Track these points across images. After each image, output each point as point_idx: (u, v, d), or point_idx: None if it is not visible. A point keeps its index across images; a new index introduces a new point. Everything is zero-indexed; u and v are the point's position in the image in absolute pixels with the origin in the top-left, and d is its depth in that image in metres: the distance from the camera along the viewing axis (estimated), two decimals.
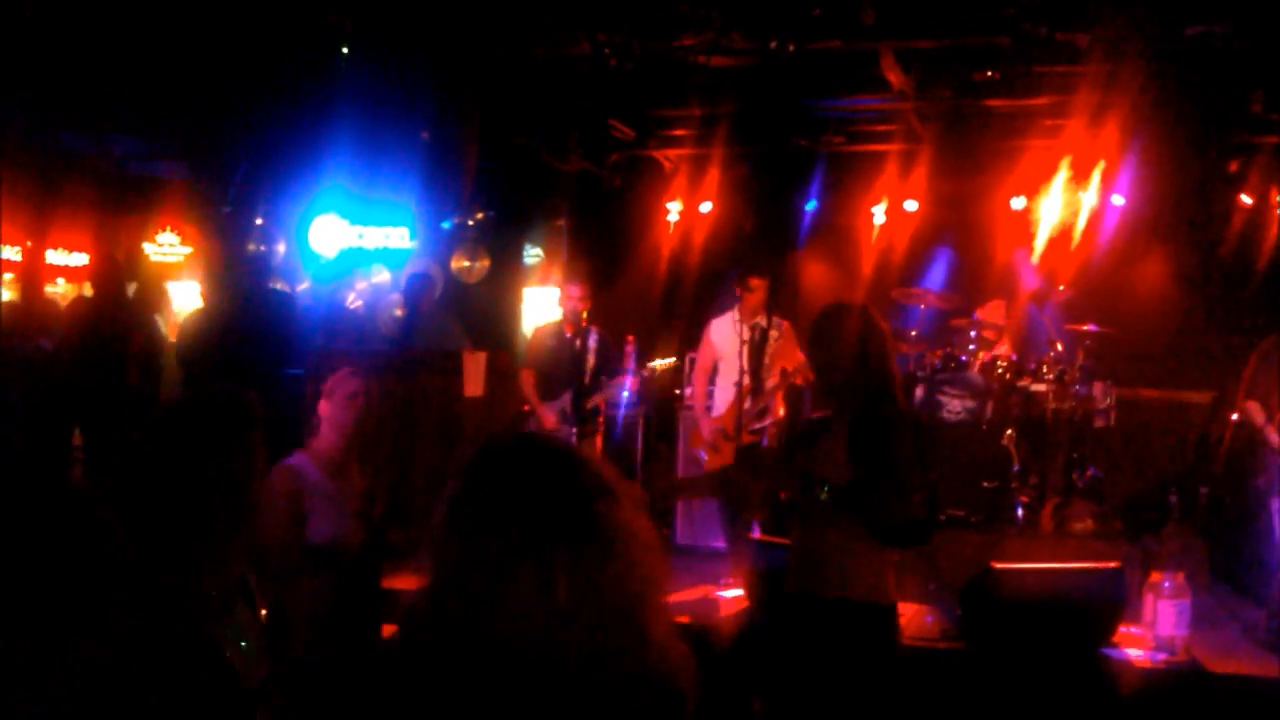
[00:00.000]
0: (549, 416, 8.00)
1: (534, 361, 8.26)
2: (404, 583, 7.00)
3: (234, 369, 6.83)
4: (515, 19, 8.17)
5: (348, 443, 4.55)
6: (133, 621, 2.30)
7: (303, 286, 8.97)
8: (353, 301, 9.42)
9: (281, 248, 9.67)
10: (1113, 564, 6.05)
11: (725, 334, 7.88)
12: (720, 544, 8.17)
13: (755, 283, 7.85)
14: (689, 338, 10.10)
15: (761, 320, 8.00)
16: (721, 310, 8.05)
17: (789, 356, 8.05)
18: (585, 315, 8.20)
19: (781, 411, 8.07)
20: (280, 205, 9.58)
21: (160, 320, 8.97)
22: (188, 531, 2.42)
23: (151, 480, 2.44)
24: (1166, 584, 5.81)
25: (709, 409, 8.04)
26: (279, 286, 9.49)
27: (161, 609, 2.32)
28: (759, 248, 10.79)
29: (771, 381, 7.91)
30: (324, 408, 4.54)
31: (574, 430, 7.97)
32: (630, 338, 8.88)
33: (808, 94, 9.45)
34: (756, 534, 7.55)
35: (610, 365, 8.29)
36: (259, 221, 9.70)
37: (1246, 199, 9.89)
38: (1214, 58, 7.86)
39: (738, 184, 11.20)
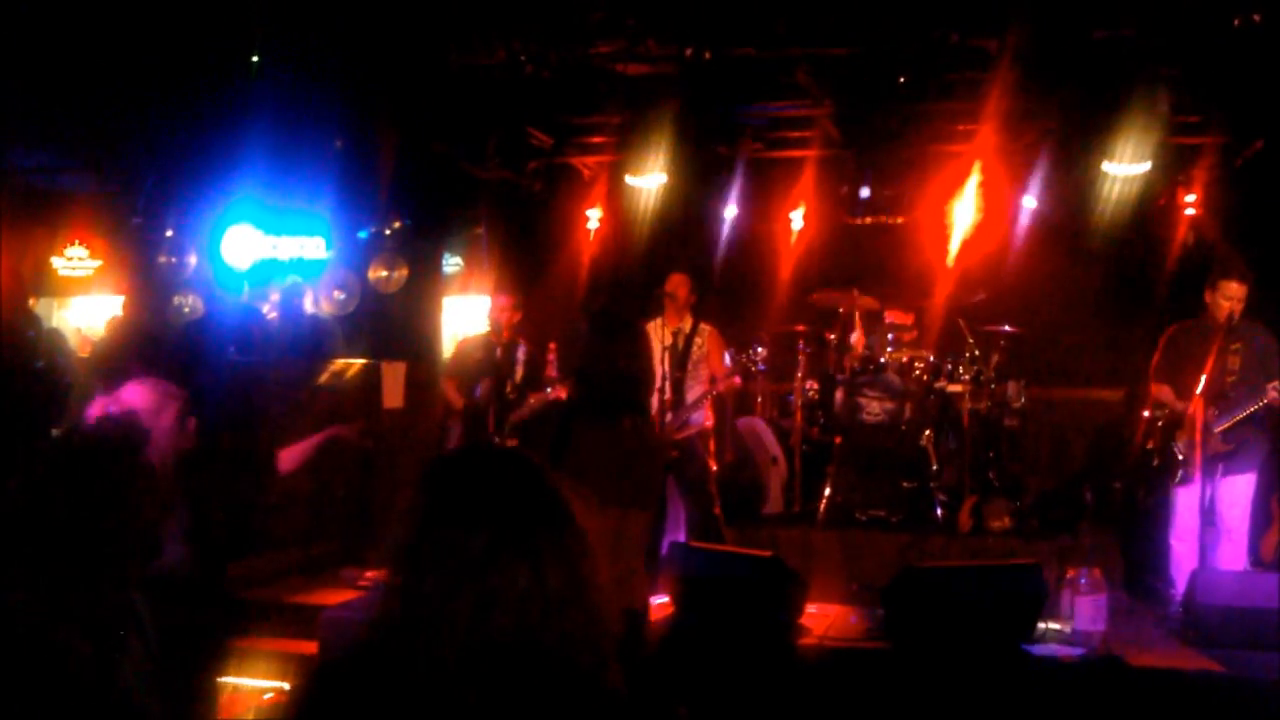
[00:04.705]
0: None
1: (456, 370, 8.16)
2: (326, 597, 6.88)
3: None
4: (430, 26, 8.10)
5: (173, 465, 4.17)
6: (28, 645, 2.25)
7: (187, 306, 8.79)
8: (269, 313, 9.26)
9: (193, 259, 9.47)
10: (1030, 561, 6.14)
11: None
12: None
13: (674, 281, 7.85)
14: None
15: (685, 325, 7.99)
16: (649, 316, 8.01)
17: (714, 363, 8.05)
18: (512, 327, 8.14)
19: (710, 419, 8.07)
20: (191, 216, 9.39)
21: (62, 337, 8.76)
22: (81, 560, 2.39)
23: (45, 512, 2.43)
24: (1083, 579, 5.90)
25: None
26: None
27: (58, 633, 2.27)
28: (678, 254, 10.81)
29: (699, 389, 7.90)
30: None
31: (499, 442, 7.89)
32: (552, 345, 8.83)
33: (725, 101, 9.48)
34: (682, 539, 7.55)
35: (536, 379, 8.23)
36: (169, 233, 9.49)
37: (1154, 199, 10.09)
38: (1120, 61, 8.02)
39: (657, 191, 11.20)
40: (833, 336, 9.15)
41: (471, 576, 1.61)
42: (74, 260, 12.67)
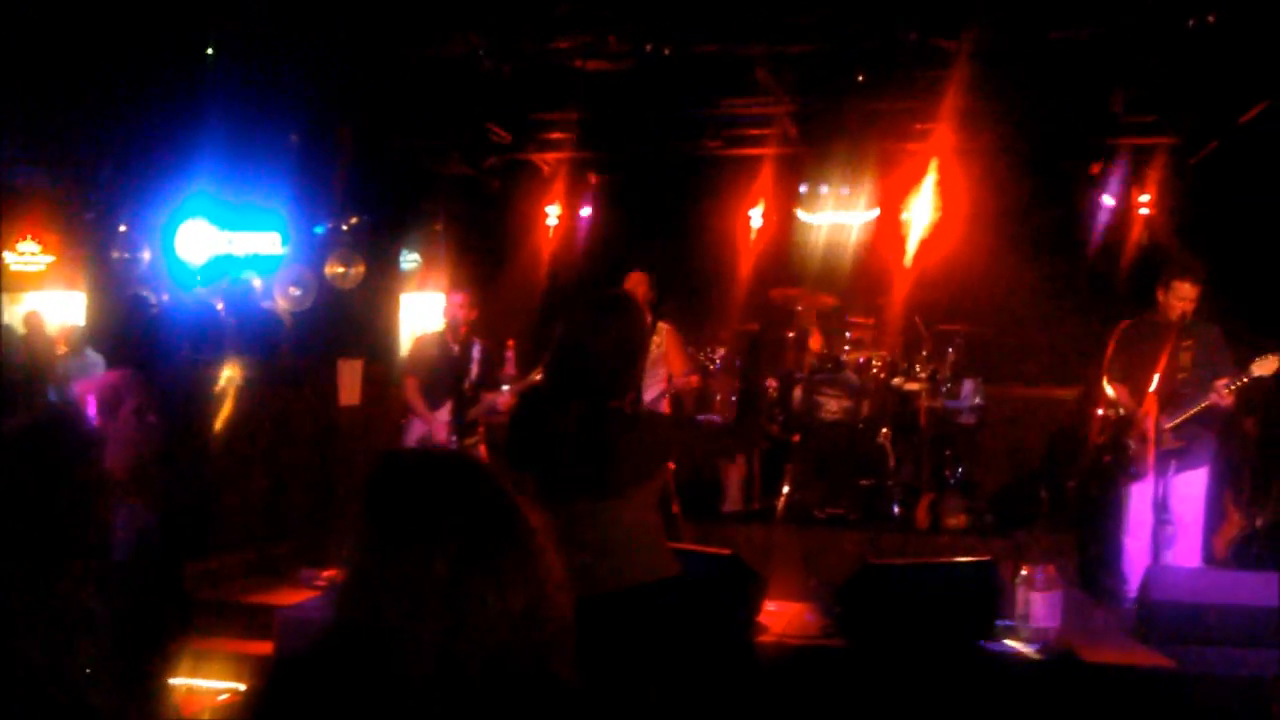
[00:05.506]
0: (439, 426, 7.84)
1: (416, 368, 8.10)
2: (283, 597, 6.81)
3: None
4: (388, 20, 8.03)
5: (137, 461, 4.12)
6: None
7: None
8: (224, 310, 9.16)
9: (147, 255, 9.35)
10: (985, 558, 6.17)
11: None
12: None
13: (633, 279, 7.83)
14: None
15: None
16: None
17: (673, 361, 8.04)
18: (469, 325, 8.08)
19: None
20: (145, 211, 9.27)
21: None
22: (30, 556, 2.35)
23: None
24: (1038, 576, 5.92)
25: None
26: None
27: (7, 633, 2.23)
28: (637, 252, 10.80)
29: (657, 388, 7.88)
30: (107, 425, 4.11)
31: (455, 440, 7.84)
32: (510, 343, 8.79)
33: (685, 98, 9.48)
34: None
35: (492, 377, 8.18)
36: (123, 228, 9.37)
37: (1109, 199, 10.19)
38: (1076, 62, 8.09)
39: (616, 188, 11.21)
40: (791, 335, 9.17)
41: (437, 601, 1.57)
42: (26, 255, 12.48)
